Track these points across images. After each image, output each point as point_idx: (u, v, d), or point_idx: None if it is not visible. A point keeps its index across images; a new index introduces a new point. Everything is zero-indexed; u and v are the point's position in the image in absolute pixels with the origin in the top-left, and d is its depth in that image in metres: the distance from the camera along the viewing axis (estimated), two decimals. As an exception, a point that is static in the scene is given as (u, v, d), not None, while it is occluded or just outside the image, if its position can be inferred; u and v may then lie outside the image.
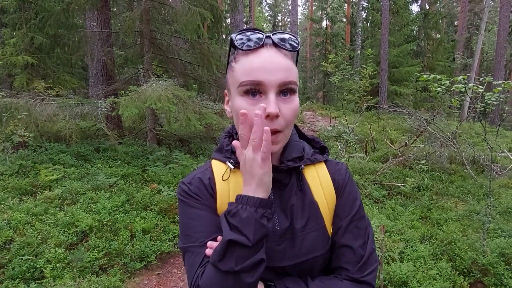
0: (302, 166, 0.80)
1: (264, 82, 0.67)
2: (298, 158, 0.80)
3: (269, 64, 0.68)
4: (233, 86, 0.73)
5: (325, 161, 0.86)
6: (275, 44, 0.71)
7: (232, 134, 0.87)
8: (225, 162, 0.80)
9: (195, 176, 0.81)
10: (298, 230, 0.77)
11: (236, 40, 0.71)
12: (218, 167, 0.82)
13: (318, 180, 0.82)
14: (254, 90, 0.69)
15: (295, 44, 0.73)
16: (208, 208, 0.77)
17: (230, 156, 0.80)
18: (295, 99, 0.72)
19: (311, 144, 0.89)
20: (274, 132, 0.69)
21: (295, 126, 0.87)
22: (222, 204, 0.77)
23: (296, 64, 0.76)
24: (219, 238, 0.69)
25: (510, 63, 23.85)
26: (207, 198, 0.78)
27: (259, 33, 0.71)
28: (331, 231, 0.81)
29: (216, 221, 0.74)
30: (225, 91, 0.81)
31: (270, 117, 0.67)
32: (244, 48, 0.70)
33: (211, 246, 0.70)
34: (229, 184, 0.79)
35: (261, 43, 0.70)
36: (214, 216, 0.76)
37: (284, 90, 0.70)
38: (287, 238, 0.76)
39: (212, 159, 0.85)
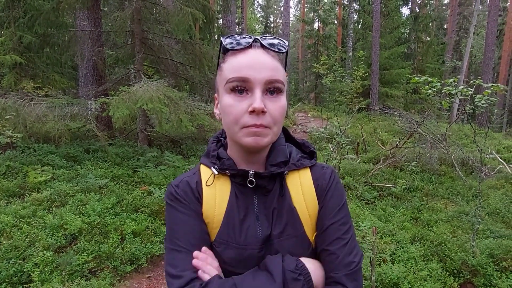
0: (286, 171, 0.79)
1: (250, 79, 0.69)
2: (283, 163, 0.80)
3: (256, 62, 0.70)
4: (221, 84, 0.74)
5: (312, 166, 0.84)
6: (263, 46, 0.73)
7: (220, 139, 0.87)
8: (210, 168, 0.80)
9: (183, 179, 0.82)
10: (275, 236, 0.77)
11: (226, 42, 0.73)
12: (205, 172, 0.82)
13: (300, 186, 0.81)
14: (241, 87, 0.70)
15: (282, 48, 0.75)
16: (193, 213, 0.78)
17: (215, 162, 0.80)
18: (282, 99, 0.73)
19: (300, 149, 0.88)
20: (260, 126, 0.69)
21: (284, 130, 0.87)
22: (207, 209, 0.78)
23: (285, 68, 0.78)
24: (203, 249, 0.75)
25: (498, 66, 24.29)
26: (192, 202, 0.79)
27: (248, 37, 0.73)
28: (313, 237, 0.80)
29: (199, 227, 0.77)
30: (215, 94, 0.82)
31: (255, 112, 0.68)
32: (235, 47, 0.72)
33: (196, 256, 0.74)
34: (215, 189, 0.79)
35: (249, 45, 0.72)
36: (197, 222, 0.77)
37: (271, 89, 0.71)
38: (267, 244, 0.77)
39: (200, 163, 0.85)
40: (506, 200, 4.92)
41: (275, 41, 0.74)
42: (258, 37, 0.73)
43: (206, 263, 0.73)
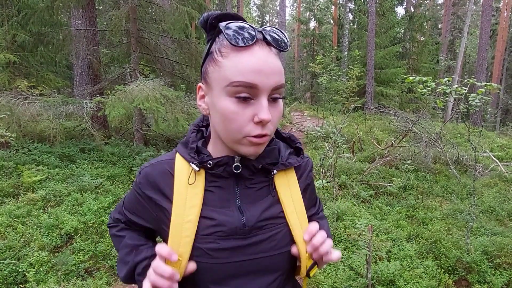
0: (275, 171, 0.76)
1: (258, 86, 0.63)
2: (272, 164, 0.77)
3: (265, 66, 0.63)
4: (218, 83, 0.65)
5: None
6: (267, 42, 0.66)
7: (201, 129, 0.82)
8: (189, 163, 0.73)
9: (154, 169, 0.77)
10: (262, 227, 0.74)
11: (226, 32, 0.63)
12: (181, 165, 0.76)
13: (289, 188, 0.79)
14: (246, 93, 0.63)
15: (285, 46, 0.68)
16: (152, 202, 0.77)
17: (194, 156, 0.73)
18: (281, 102, 0.69)
19: (287, 143, 0.85)
20: (264, 136, 0.66)
21: None
22: (177, 208, 0.72)
23: None
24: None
25: (492, 65, 24.52)
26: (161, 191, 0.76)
27: (250, 26, 0.65)
28: (296, 232, 0.79)
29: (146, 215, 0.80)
30: (200, 84, 0.73)
31: (263, 123, 0.64)
32: (237, 44, 0.62)
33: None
34: (187, 190, 0.73)
35: (254, 40, 0.64)
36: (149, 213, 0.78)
37: (275, 94, 0.66)
38: (253, 234, 0.73)
39: (176, 151, 0.78)
40: (499, 198, 4.97)
41: (279, 37, 0.67)
42: (262, 30, 0.66)
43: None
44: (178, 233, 0.71)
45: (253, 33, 0.64)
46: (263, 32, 0.65)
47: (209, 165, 0.72)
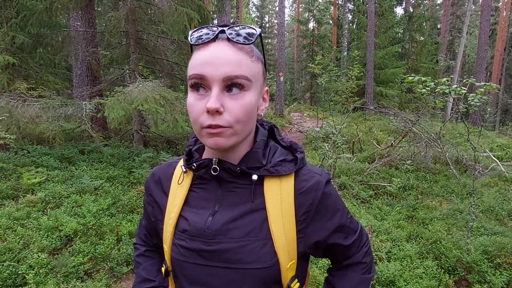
0: (255, 176, 0.72)
1: (206, 76, 0.64)
2: (255, 168, 0.73)
3: (215, 58, 0.64)
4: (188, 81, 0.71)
5: (298, 171, 0.76)
6: (228, 38, 0.66)
7: None
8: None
9: (160, 169, 0.89)
10: (236, 236, 0.71)
11: (191, 36, 0.69)
12: (180, 166, 0.84)
13: (280, 199, 0.72)
14: (199, 84, 0.66)
15: (249, 37, 0.67)
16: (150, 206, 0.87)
17: (186, 158, 0.79)
18: (246, 95, 0.66)
19: (290, 152, 0.78)
20: (216, 126, 0.64)
21: (272, 129, 0.82)
22: (169, 203, 0.81)
23: (264, 63, 0.74)
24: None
25: (491, 65, 24.54)
26: (157, 195, 0.85)
27: (214, 27, 0.67)
28: (288, 264, 0.72)
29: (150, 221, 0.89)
30: None
31: (210, 112, 0.64)
32: (196, 42, 0.67)
33: None
34: (177, 186, 0.81)
35: (213, 37, 0.66)
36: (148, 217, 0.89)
37: (231, 86, 0.65)
38: (217, 240, 0.71)
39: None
40: (499, 197, 4.97)
41: (243, 30, 0.67)
42: (225, 28, 0.67)
43: None
44: (166, 227, 0.79)
45: (214, 31, 0.67)
46: (225, 30, 0.67)
47: (193, 167, 0.76)
